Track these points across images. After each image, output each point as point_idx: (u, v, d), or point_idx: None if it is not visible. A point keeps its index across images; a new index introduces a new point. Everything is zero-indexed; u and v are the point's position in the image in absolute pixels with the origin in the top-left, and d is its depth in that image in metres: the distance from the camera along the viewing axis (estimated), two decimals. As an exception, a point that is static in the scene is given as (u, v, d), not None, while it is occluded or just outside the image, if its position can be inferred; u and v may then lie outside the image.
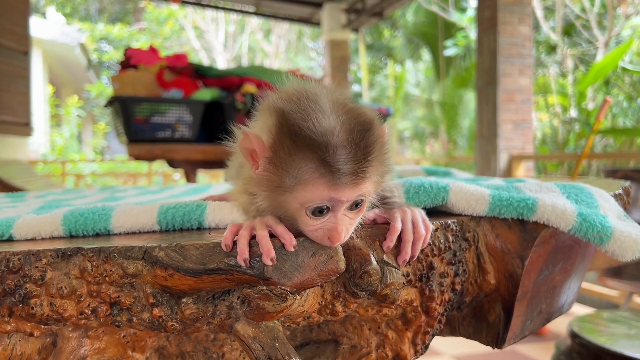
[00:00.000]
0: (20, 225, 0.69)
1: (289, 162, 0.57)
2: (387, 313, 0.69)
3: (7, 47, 4.06)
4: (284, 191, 0.58)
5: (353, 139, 0.58)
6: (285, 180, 0.58)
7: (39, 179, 3.91)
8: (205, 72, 3.45)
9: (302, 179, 0.57)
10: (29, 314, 0.60)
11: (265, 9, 8.10)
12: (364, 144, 0.58)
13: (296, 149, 0.57)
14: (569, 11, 7.91)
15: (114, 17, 16.59)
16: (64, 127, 10.47)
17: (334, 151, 0.56)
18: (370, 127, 0.60)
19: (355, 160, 0.57)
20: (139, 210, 0.70)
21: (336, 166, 0.56)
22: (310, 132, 0.57)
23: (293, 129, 0.57)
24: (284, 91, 0.63)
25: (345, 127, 0.58)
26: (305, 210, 0.59)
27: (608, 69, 4.75)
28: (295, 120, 0.57)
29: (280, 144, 0.58)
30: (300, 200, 0.58)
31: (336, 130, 0.57)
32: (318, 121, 0.57)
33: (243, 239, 0.58)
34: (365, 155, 0.58)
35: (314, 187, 0.57)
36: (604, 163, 5.43)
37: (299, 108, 0.58)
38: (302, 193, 0.58)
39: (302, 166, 0.57)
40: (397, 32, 12.85)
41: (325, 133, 0.57)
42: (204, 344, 0.71)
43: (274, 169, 0.58)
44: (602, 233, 0.71)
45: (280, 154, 0.58)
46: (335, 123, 0.58)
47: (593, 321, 1.82)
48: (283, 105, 0.59)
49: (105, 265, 0.59)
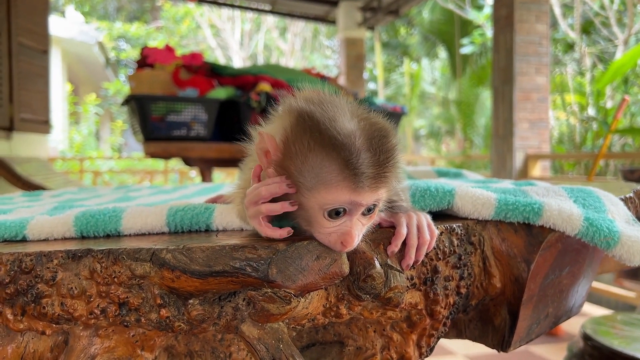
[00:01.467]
0: (34, 226, 0.71)
1: (311, 161, 0.58)
2: (391, 316, 0.69)
3: (27, 47, 4.12)
4: (302, 188, 0.59)
5: (374, 144, 0.59)
6: (306, 178, 0.58)
7: (58, 176, 3.97)
8: (220, 71, 3.47)
9: (325, 180, 0.58)
10: (40, 313, 0.61)
11: (281, 7, 8.12)
12: (384, 149, 0.59)
13: (320, 148, 0.57)
14: (587, 8, 7.81)
15: (132, 15, 16.74)
16: (82, 124, 10.60)
17: (358, 154, 0.57)
18: (387, 134, 0.61)
19: (377, 164, 0.58)
20: (149, 212, 0.72)
21: (360, 169, 0.57)
22: (336, 132, 0.57)
23: (317, 128, 0.58)
24: (303, 95, 0.64)
25: (366, 132, 0.59)
26: (323, 212, 0.59)
27: (627, 67, 4.70)
28: (320, 119, 0.58)
29: (301, 142, 0.58)
30: (320, 201, 0.59)
31: (358, 134, 0.58)
32: (342, 123, 0.58)
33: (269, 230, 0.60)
34: (386, 160, 0.59)
35: (337, 189, 0.58)
36: (622, 163, 5.36)
37: (322, 109, 0.59)
38: (322, 194, 0.58)
39: (326, 166, 0.57)
40: (413, 30, 12.79)
41: (350, 135, 0.58)
42: (212, 344, 0.73)
43: (292, 165, 0.59)
44: (609, 238, 0.71)
45: (299, 152, 0.58)
46: (357, 127, 0.59)
47: (606, 323, 1.80)
48: (305, 106, 0.60)
49: (114, 267, 0.60)
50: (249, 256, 0.58)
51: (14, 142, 4.10)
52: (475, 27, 9.18)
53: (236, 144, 0.70)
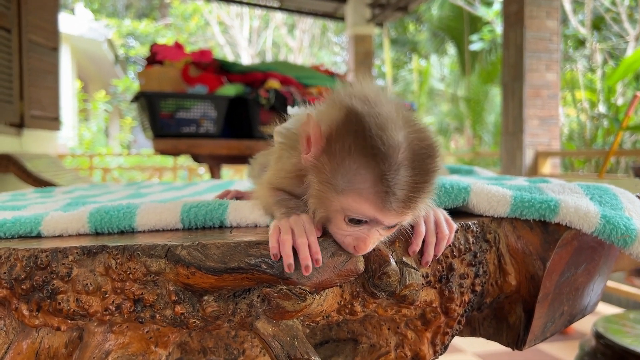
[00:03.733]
0: (49, 223, 0.71)
1: (348, 164, 0.56)
2: (406, 313, 0.69)
3: (37, 43, 4.14)
4: (331, 188, 0.57)
5: (417, 162, 0.56)
6: (338, 178, 0.57)
7: (67, 173, 3.99)
8: (229, 67, 3.47)
9: (356, 188, 0.56)
10: (56, 309, 0.61)
11: (290, 3, 8.10)
12: (425, 170, 0.57)
13: (359, 155, 0.55)
14: (598, 4, 7.75)
15: (141, 13, 16.78)
16: (92, 121, 10.64)
17: (397, 170, 0.55)
18: (433, 154, 0.58)
19: (412, 185, 0.56)
20: (163, 208, 0.72)
21: (393, 188, 0.55)
22: (380, 142, 0.54)
23: (362, 133, 0.55)
24: (359, 90, 0.61)
25: (412, 148, 0.56)
26: (345, 217, 0.58)
27: (639, 64, 4.65)
28: (368, 124, 0.55)
29: (343, 143, 0.56)
30: (345, 206, 0.57)
31: (403, 148, 0.55)
32: (390, 133, 0.55)
33: (288, 245, 0.58)
34: (423, 182, 0.57)
35: (365, 202, 0.56)
36: (633, 160, 5.31)
37: (374, 112, 0.56)
38: (349, 201, 0.57)
39: (361, 174, 0.55)
40: (422, 26, 12.74)
41: (394, 146, 0.55)
42: (225, 340, 0.73)
43: (328, 162, 0.57)
44: (627, 235, 0.70)
45: (339, 152, 0.56)
46: (404, 140, 0.56)
47: (618, 322, 1.79)
48: (357, 104, 0.57)
49: (129, 263, 0.60)
50: (264, 253, 0.58)
51: (25, 138, 4.12)
52: (485, 24, 9.12)
53: (245, 141, 0.70)
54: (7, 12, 3.71)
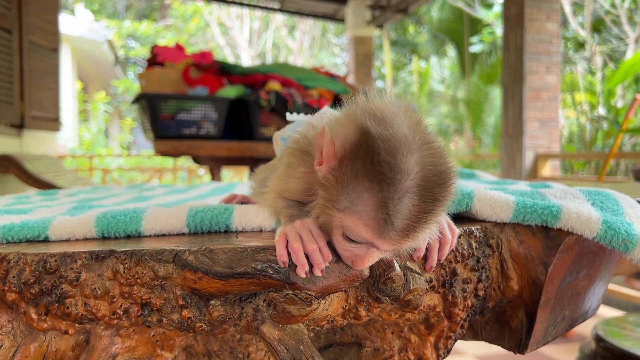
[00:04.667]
0: (56, 227, 0.71)
1: (353, 186, 0.55)
2: (410, 317, 0.70)
3: (38, 44, 4.15)
4: (334, 205, 0.57)
5: (426, 190, 0.54)
6: (341, 198, 0.56)
7: (67, 173, 3.99)
8: (230, 69, 3.48)
9: (356, 210, 0.55)
10: (64, 313, 0.62)
11: (290, 5, 8.11)
12: (433, 198, 0.55)
13: (365, 179, 0.54)
14: (598, 7, 7.76)
15: (141, 14, 16.80)
16: (92, 122, 10.64)
17: (400, 198, 0.53)
18: (446, 182, 0.56)
19: (415, 215, 0.54)
20: (169, 213, 0.72)
21: (392, 217, 0.53)
22: (389, 166, 0.53)
23: (371, 158, 0.54)
24: (377, 107, 0.59)
25: (424, 174, 0.54)
26: (342, 234, 0.58)
27: (639, 66, 4.66)
28: (378, 147, 0.54)
29: (352, 164, 0.55)
30: (344, 225, 0.57)
31: (412, 174, 0.54)
32: (400, 157, 0.53)
33: (300, 253, 0.58)
34: (428, 212, 0.55)
35: (363, 225, 0.55)
36: (633, 162, 5.32)
37: (387, 135, 0.55)
38: (348, 221, 0.56)
39: (364, 198, 0.54)
40: (422, 28, 12.75)
41: (402, 173, 0.53)
42: (230, 344, 0.73)
43: (335, 181, 0.56)
44: (628, 241, 0.71)
45: (346, 172, 0.55)
46: (415, 166, 0.54)
47: (618, 325, 1.80)
48: (371, 125, 0.56)
49: (137, 268, 0.61)
50: (271, 258, 0.59)
51: (25, 139, 4.13)
52: (485, 26, 9.14)
53: (246, 142, 0.70)
54: (8, 13, 3.72)
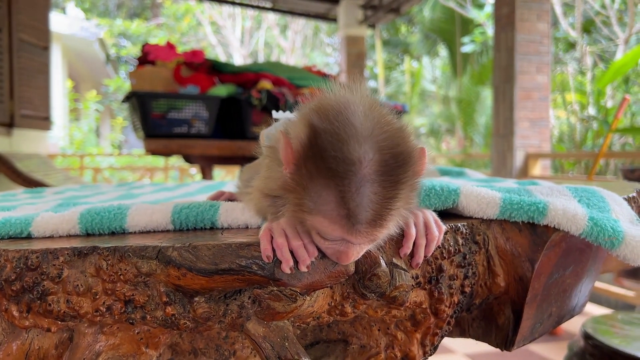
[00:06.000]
0: (39, 223, 0.71)
1: (312, 186, 0.53)
2: (396, 314, 0.70)
3: (28, 43, 4.12)
4: (302, 208, 0.55)
5: (385, 175, 0.52)
6: (305, 201, 0.54)
7: (58, 173, 3.97)
8: (221, 68, 3.47)
9: (320, 210, 0.53)
10: (46, 311, 0.61)
11: (282, 4, 8.11)
12: (394, 182, 0.53)
13: (319, 177, 0.52)
14: (588, 7, 7.80)
15: (132, 12, 16.73)
16: (83, 121, 10.59)
17: (357, 190, 0.51)
18: (405, 162, 0.53)
19: (377, 204, 0.52)
20: (154, 209, 0.72)
21: (354, 210, 0.51)
22: (336, 160, 0.51)
23: (319, 153, 0.52)
24: (324, 102, 0.57)
25: (378, 158, 0.52)
26: (319, 234, 0.57)
27: (628, 67, 4.69)
28: (324, 143, 0.52)
29: (305, 164, 0.54)
30: (315, 226, 0.56)
31: (365, 161, 0.51)
32: (348, 148, 0.51)
33: (285, 249, 0.57)
34: (392, 197, 0.53)
35: (330, 224, 0.54)
36: (622, 162, 5.36)
37: (331, 128, 0.53)
38: (316, 223, 0.55)
39: (323, 196, 0.53)
40: (414, 28, 12.79)
41: (353, 163, 0.51)
42: (216, 341, 0.73)
43: (296, 186, 0.55)
44: (614, 237, 0.71)
45: (303, 174, 0.54)
46: (367, 151, 0.52)
47: (607, 322, 1.81)
48: (317, 121, 0.54)
49: (120, 264, 0.60)
50: (256, 254, 0.58)
51: (15, 138, 4.10)
52: (476, 26, 9.17)
53: (237, 142, 0.69)
54: (-2, 11, 3.69)
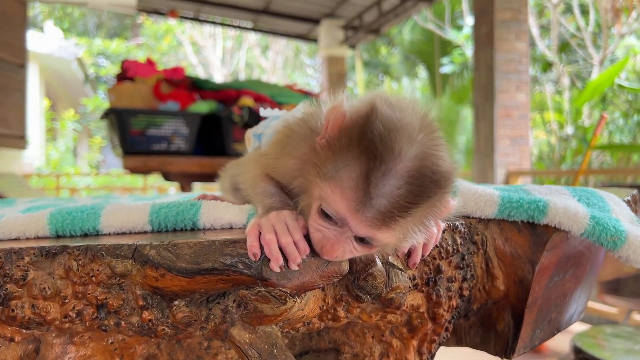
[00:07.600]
0: (4, 224, 0.65)
1: (343, 154, 0.51)
2: (391, 319, 0.65)
3: (4, 60, 4.04)
4: (319, 173, 0.53)
5: (417, 180, 0.50)
6: (328, 165, 0.52)
7: (33, 192, 3.86)
8: (202, 85, 3.44)
9: (338, 178, 0.51)
10: (9, 317, 0.56)
11: (263, 25, 8.12)
12: (422, 192, 0.51)
13: (356, 146, 0.51)
14: (563, 30, 7.96)
15: (112, 32, 16.65)
16: (60, 140, 10.43)
17: (385, 176, 0.49)
18: (440, 182, 0.52)
19: (394, 200, 0.50)
20: (130, 209, 0.67)
21: (372, 193, 0.49)
22: (382, 141, 0.50)
23: (369, 128, 0.51)
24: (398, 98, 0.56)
25: (418, 164, 0.51)
26: (318, 206, 0.54)
27: (604, 86, 4.76)
28: (379, 123, 0.51)
29: (349, 132, 0.52)
30: (322, 195, 0.53)
31: (406, 158, 0.50)
32: (398, 138, 0.50)
33: (274, 245, 0.53)
34: (412, 204, 0.51)
35: (340, 197, 0.51)
36: (601, 179, 5.41)
37: (393, 116, 0.52)
38: (328, 190, 0.52)
39: (349, 166, 0.51)
40: (394, 49, 12.92)
41: (394, 152, 0.50)
42: (197, 352, 0.67)
43: (327, 148, 0.53)
44: (616, 237, 0.67)
45: (342, 142, 0.52)
46: (412, 152, 0.50)
47: (596, 336, 1.78)
48: (382, 104, 0.53)
49: (92, 265, 0.55)
50: (241, 252, 0.53)
51: (-12, 156, 3.99)
52: (455, 47, 9.29)
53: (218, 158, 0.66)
54: (-28, 26, 3.62)
